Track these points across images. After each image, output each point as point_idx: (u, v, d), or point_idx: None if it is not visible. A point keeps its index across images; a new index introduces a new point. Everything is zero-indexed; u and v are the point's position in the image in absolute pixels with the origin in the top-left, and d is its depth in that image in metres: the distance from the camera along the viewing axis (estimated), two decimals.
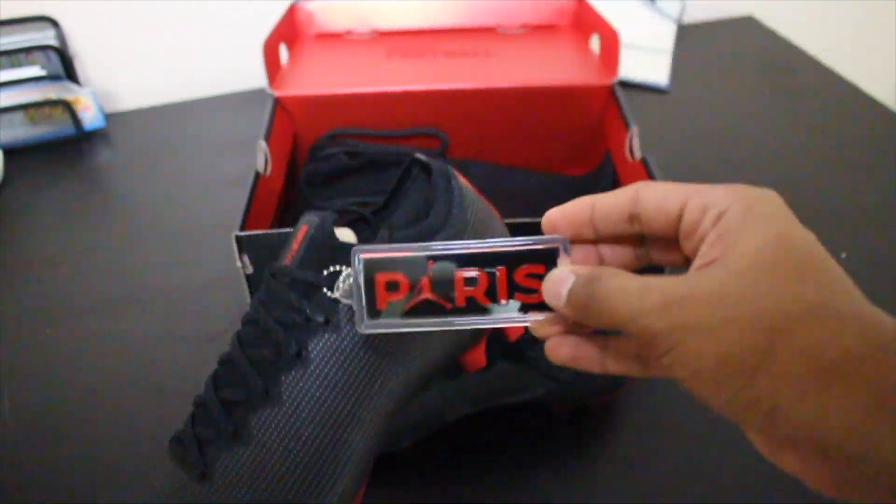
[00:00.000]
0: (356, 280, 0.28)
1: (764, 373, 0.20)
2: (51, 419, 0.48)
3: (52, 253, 0.64)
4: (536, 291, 0.27)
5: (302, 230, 0.32)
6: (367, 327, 0.28)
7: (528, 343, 0.43)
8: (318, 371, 0.31)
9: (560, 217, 0.27)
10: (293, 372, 0.31)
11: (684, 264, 0.26)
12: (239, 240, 0.45)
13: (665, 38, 0.93)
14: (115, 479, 0.44)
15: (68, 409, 0.49)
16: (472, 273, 0.27)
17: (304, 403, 0.31)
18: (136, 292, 0.59)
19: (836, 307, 0.21)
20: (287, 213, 0.61)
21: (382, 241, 0.34)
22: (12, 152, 0.76)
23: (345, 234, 0.33)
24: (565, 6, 0.74)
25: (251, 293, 0.47)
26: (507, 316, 0.27)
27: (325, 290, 0.31)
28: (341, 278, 0.30)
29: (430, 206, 0.35)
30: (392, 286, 0.27)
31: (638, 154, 0.54)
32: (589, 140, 0.66)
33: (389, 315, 0.28)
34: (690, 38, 0.96)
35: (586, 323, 0.25)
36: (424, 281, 0.27)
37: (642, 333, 0.22)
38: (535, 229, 0.29)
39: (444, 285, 0.27)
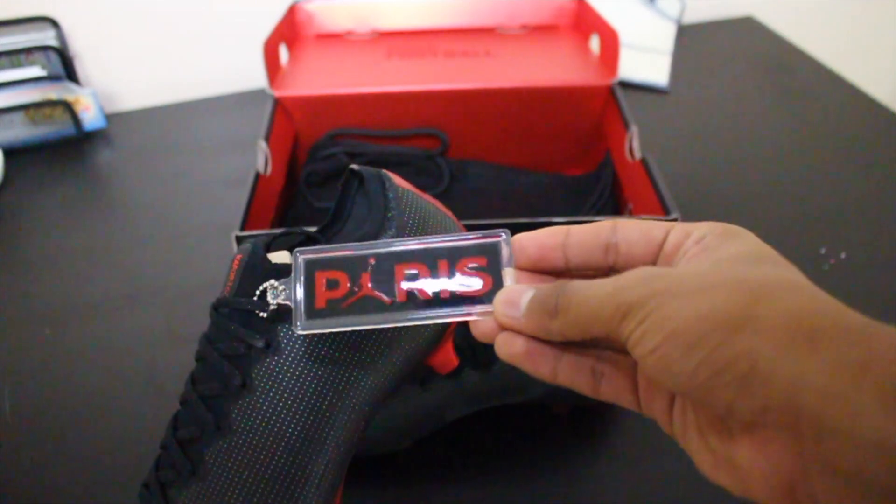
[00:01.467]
0: (294, 280, 0.27)
1: (745, 330, 0.20)
2: (51, 419, 0.49)
3: (52, 253, 0.64)
4: (481, 283, 0.27)
5: (236, 259, 0.32)
6: (304, 327, 0.27)
7: None
8: (263, 397, 0.30)
9: (530, 241, 0.27)
10: (240, 402, 0.31)
11: None
12: (239, 240, 0.45)
13: (665, 38, 0.93)
14: (115, 479, 0.45)
15: (68, 409, 0.49)
16: (412, 268, 0.27)
17: (253, 431, 0.30)
18: (136, 292, 0.59)
19: (815, 288, 0.21)
20: (287, 213, 0.61)
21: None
22: (13, 152, 0.76)
23: (281, 257, 0.33)
24: (565, 6, 0.74)
25: None
26: (451, 311, 0.27)
27: (260, 313, 0.30)
28: (279, 285, 0.29)
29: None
30: (332, 284, 0.27)
31: (638, 154, 0.54)
32: (589, 140, 0.66)
33: (328, 314, 0.27)
34: (690, 38, 0.97)
35: (545, 330, 0.24)
36: (365, 277, 0.27)
37: (616, 311, 0.22)
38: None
39: (384, 281, 0.27)
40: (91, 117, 0.79)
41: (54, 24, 0.80)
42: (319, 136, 0.64)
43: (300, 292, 0.27)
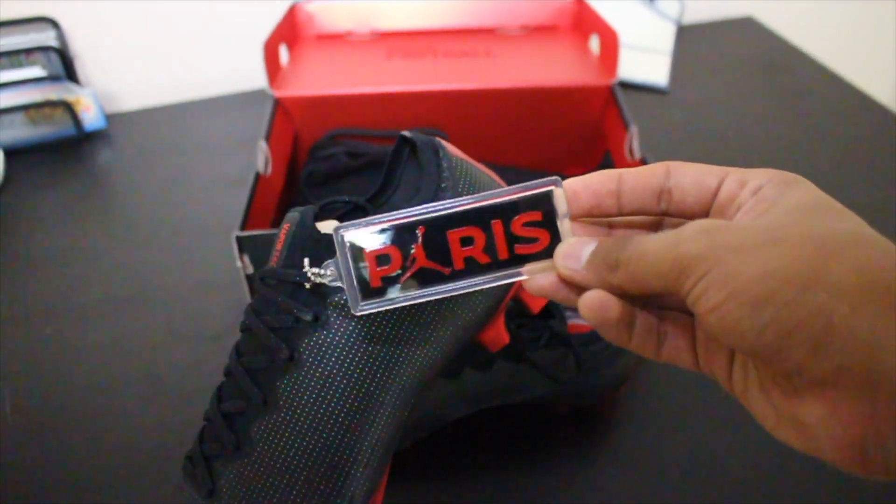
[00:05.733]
0: (343, 260, 0.26)
1: (816, 288, 0.18)
2: (51, 419, 0.49)
3: (52, 253, 0.64)
4: (538, 240, 0.25)
5: (284, 229, 0.31)
6: (362, 308, 0.26)
7: (530, 343, 0.43)
8: (311, 372, 0.30)
9: (583, 187, 0.26)
10: (287, 377, 0.30)
11: None
12: (239, 240, 0.45)
13: (664, 38, 0.93)
14: (115, 478, 0.45)
15: (68, 409, 0.49)
16: (466, 232, 0.25)
17: (300, 408, 0.30)
18: (136, 292, 0.59)
19: (885, 241, 0.20)
20: (287, 214, 0.61)
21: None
22: (13, 153, 0.76)
23: (330, 226, 0.32)
24: (565, 7, 0.74)
25: (251, 293, 0.47)
26: (513, 271, 0.26)
27: (307, 285, 0.29)
28: (328, 263, 0.28)
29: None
30: (383, 260, 0.26)
31: (637, 154, 0.54)
32: (589, 140, 0.66)
33: (385, 291, 0.26)
34: (690, 38, 0.97)
35: (606, 283, 0.24)
36: (418, 249, 0.25)
37: (674, 265, 0.21)
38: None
39: (438, 250, 0.25)
40: (91, 118, 0.79)
41: (54, 24, 0.80)
42: (319, 136, 0.64)
43: (352, 272, 0.26)
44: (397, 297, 0.26)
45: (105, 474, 0.45)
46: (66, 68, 0.79)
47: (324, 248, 0.30)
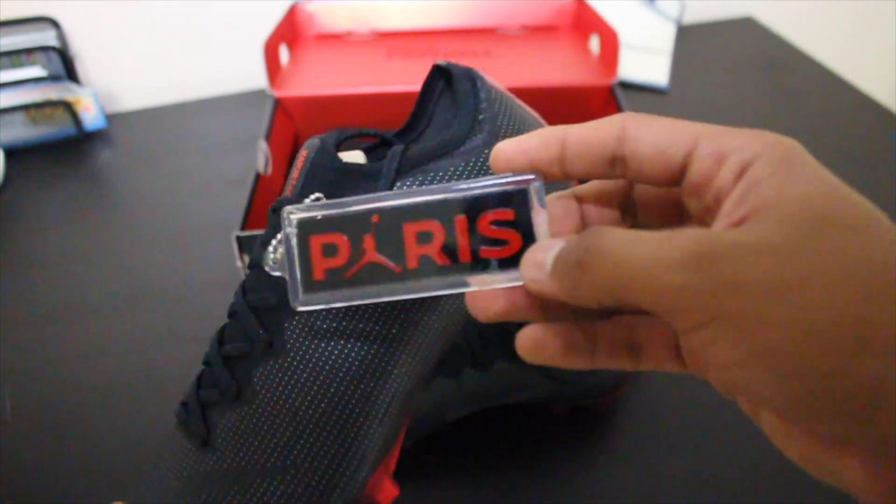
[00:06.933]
0: (286, 245, 0.23)
1: (867, 349, 0.15)
2: (51, 419, 0.49)
3: (52, 253, 0.64)
4: (508, 242, 0.21)
5: (301, 156, 0.28)
6: (303, 303, 0.23)
7: None
8: (324, 313, 0.27)
9: (518, 152, 0.21)
10: (297, 318, 0.27)
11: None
12: (239, 240, 0.45)
13: (665, 38, 0.93)
14: (115, 478, 0.44)
15: (69, 409, 0.49)
16: (424, 225, 0.22)
17: (310, 354, 0.27)
18: (136, 292, 0.59)
19: None
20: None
21: (388, 162, 0.28)
22: (13, 153, 0.76)
23: (353, 157, 0.29)
24: (565, 7, 0.74)
25: None
26: (474, 277, 0.22)
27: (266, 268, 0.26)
28: (272, 245, 0.25)
29: None
30: (330, 250, 0.22)
31: None
32: None
33: (328, 286, 0.22)
34: (690, 38, 0.97)
35: (574, 297, 0.18)
36: (368, 240, 0.22)
37: (660, 297, 0.16)
38: None
39: (391, 243, 0.22)
40: (91, 117, 0.79)
41: (55, 24, 0.80)
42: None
43: (295, 260, 0.23)
44: (340, 294, 0.22)
45: (105, 474, 0.45)
46: (67, 68, 0.79)
47: (344, 180, 0.27)
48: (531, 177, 0.21)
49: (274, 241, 0.25)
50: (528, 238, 0.21)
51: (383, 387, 0.28)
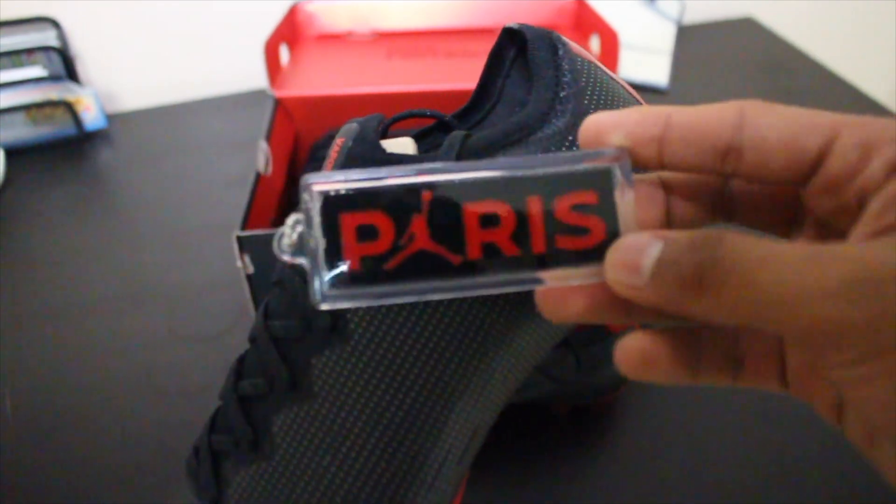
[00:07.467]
0: (309, 223, 0.17)
1: None
2: (51, 419, 0.49)
3: (52, 253, 0.64)
4: (590, 231, 0.18)
5: (337, 145, 0.23)
6: (328, 298, 0.17)
7: None
8: (361, 346, 0.21)
9: (613, 125, 0.18)
10: (327, 351, 0.21)
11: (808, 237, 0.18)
12: (240, 239, 0.45)
13: (665, 38, 0.93)
14: (115, 478, 0.45)
15: (69, 409, 0.49)
16: (490, 206, 0.18)
17: (343, 396, 0.21)
18: (137, 292, 0.59)
19: None
20: (288, 214, 0.61)
21: (445, 151, 0.22)
22: (13, 153, 0.76)
23: (400, 145, 0.24)
24: (565, 7, 0.74)
25: (252, 293, 0.47)
26: (549, 272, 0.18)
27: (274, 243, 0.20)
28: (287, 226, 0.18)
29: None
30: (367, 233, 0.17)
31: None
32: None
33: (362, 279, 0.17)
34: (690, 38, 0.97)
35: (683, 311, 0.15)
36: (418, 222, 0.17)
37: (810, 331, 0.14)
38: None
39: (448, 228, 0.17)
40: (92, 117, 0.79)
41: (55, 24, 0.80)
42: (319, 136, 0.64)
43: (320, 244, 0.17)
44: (378, 290, 0.18)
45: (105, 474, 0.45)
46: (67, 68, 0.79)
47: (390, 175, 0.22)
48: (620, 153, 0.18)
49: (290, 220, 0.18)
50: (612, 226, 0.18)
51: (440, 435, 0.22)
